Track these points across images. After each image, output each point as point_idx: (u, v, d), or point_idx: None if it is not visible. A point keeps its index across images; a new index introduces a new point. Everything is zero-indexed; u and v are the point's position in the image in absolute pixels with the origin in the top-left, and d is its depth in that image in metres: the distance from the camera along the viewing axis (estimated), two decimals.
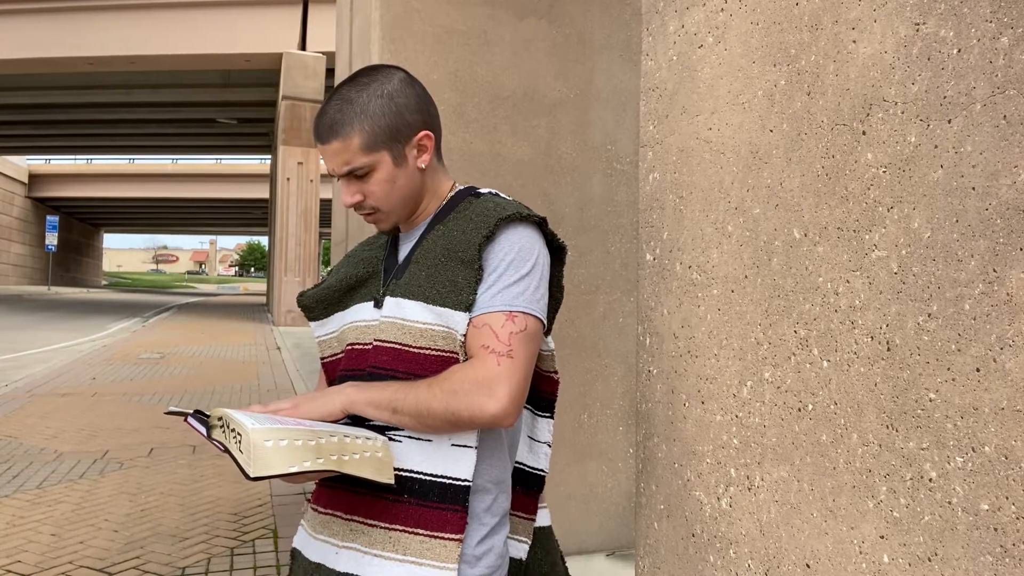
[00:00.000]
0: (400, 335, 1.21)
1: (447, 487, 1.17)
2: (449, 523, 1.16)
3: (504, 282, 1.18)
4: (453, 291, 1.18)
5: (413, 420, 1.15)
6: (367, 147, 1.22)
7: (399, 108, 1.24)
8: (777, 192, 1.05)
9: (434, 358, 1.18)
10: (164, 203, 49.02)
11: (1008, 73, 0.76)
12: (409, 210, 1.30)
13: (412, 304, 1.21)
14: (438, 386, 1.14)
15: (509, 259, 1.19)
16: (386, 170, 1.24)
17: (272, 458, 1.00)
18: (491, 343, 1.14)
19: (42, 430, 6.22)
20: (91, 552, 3.61)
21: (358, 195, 1.26)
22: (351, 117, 1.22)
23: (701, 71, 1.21)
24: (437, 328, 1.18)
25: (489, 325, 1.16)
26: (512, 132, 3.33)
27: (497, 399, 1.12)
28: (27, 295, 32.04)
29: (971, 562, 0.78)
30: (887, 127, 0.89)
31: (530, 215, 1.24)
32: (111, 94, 26.30)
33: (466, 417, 1.13)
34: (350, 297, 1.34)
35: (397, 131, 1.24)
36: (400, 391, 1.15)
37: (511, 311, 1.16)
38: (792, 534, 1.01)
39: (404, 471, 1.18)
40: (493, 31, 3.32)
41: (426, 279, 1.21)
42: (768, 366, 1.06)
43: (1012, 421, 0.74)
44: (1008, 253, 0.75)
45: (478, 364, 1.14)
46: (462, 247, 1.20)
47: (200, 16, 20.59)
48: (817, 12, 0.99)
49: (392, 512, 1.18)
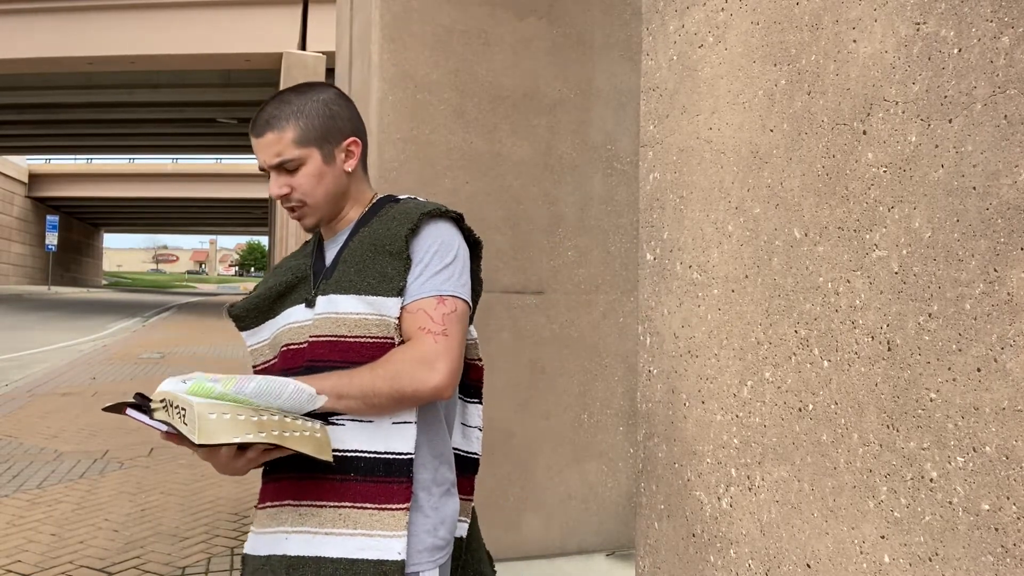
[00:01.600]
0: (335, 328, 1.28)
1: (391, 462, 1.24)
2: (396, 495, 1.23)
3: (431, 270, 1.28)
4: (384, 280, 1.26)
5: (359, 402, 1.22)
6: (299, 141, 1.31)
7: (332, 113, 1.35)
8: (777, 192, 1.05)
9: (370, 345, 1.25)
10: (164, 203, 49.02)
11: (1009, 72, 0.75)
12: (333, 208, 1.38)
13: (345, 298, 1.28)
14: (380, 368, 1.22)
15: (434, 250, 1.29)
16: (315, 165, 1.33)
17: (217, 428, 1.07)
18: (427, 324, 1.24)
19: (42, 430, 6.22)
20: (91, 552, 3.61)
21: (286, 187, 1.33)
22: (288, 114, 1.32)
23: (701, 71, 1.21)
24: (371, 317, 1.26)
25: (423, 309, 1.25)
26: (512, 132, 3.33)
27: (438, 372, 1.21)
28: (27, 295, 32.03)
29: (972, 562, 0.78)
30: (887, 127, 0.89)
31: (449, 211, 1.34)
32: (111, 94, 26.28)
33: (410, 392, 1.21)
34: (280, 304, 1.40)
35: (328, 132, 1.34)
36: (343, 378, 1.22)
37: (441, 295, 1.26)
38: (792, 534, 1.01)
39: (350, 451, 1.24)
40: (493, 31, 3.32)
41: (356, 274, 1.29)
42: (768, 366, 1.06)
43: (1013, 421, 0.74)
44: (1009, 253, 0.75)
45: (417, 344, 1.23)
46: (388, 241, 1.29)
47: (200, 16, 20.58)
48: (817, 12, 0.99)
49: (340, 491, 1.24)
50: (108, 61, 21.47)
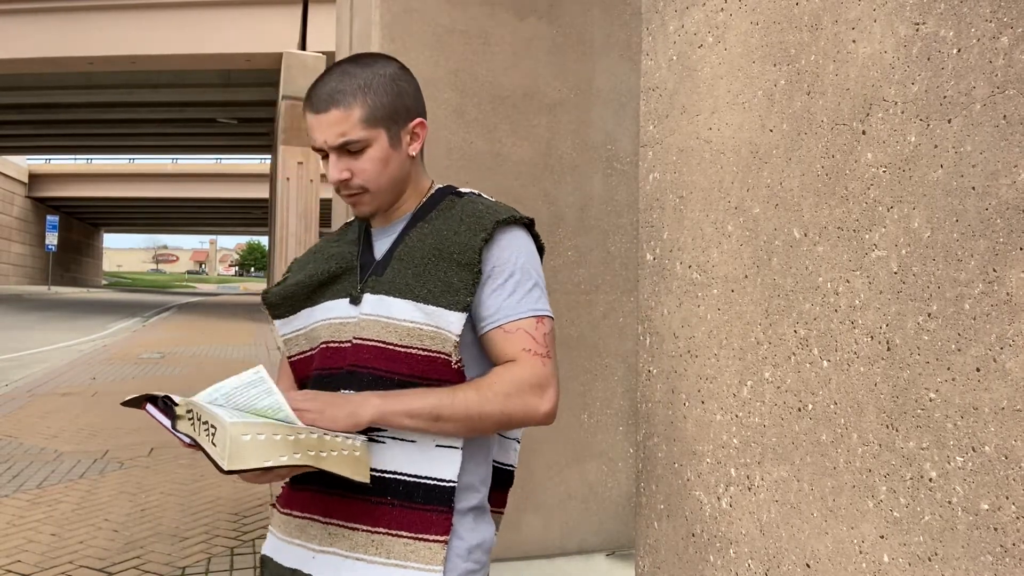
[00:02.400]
0: (383, 333, 1.18)
1: (432, 488, 1.15)
2: (434, 524, 1.14)
3: (524, 287, 1.19)
4: (448, 291, 1.16)
5: (459, 426, 1.13)
6: (367, 121, 1.18)
7: (400, 91, 1.22)
8: (777, 192, 1.05)
9: (420, 357, 1.16)
10: (164, 203, 49.02)
11: (1008, 73, 0.76)
12: (393, 196, 1.26)
13: (399, 302, 1.17)
14: (488, 389, 1.13)
15: (520, 263, 1.20)
16: (381, 149, 1.20)
17: (248, 451, 0.98)
18: (531, 346, 1.16)
19: (42, 430, 6.22)
20: (91, 552, 3.61)
21: (346, 172, 1.21)
22: (354, 88, 1.18)
23: (701, 71, 1.21)
24: (426, 327, 1.15)
25: (523, 329, 1.17)
26: (512, 132, 3.33)
27: (548, 399, 1.15)
28: (27, 295, 32.04)
29: (971, 562, 0.78)
30: (887, 127, 0.89)
31: (522, 217, 1.24)
32: (111, 94, 26.28)
33: (519, 418, 1.14)
34: (320, 294, 1.29)
35: (396, 112, 1.21)
36: (444, 397, 1.12)
37: (539, 315, 1.18)
38: (792, 534, 1.01)
39: (388, 472, 1.16)
40: (493, 31, 3.32)
41: (414, 277, 1.18)
42: (768, 366, 1.06)
43: (1012, 421, 0.74)
44: (1008, 253, 0.75)
45: (527, 365, 1.15)
46: (457, 248, 1.18)
47: (200, 16, 20.58)
48: (817, 12, 0.99)
49: (375, 514, 1.15)
50: (108, 61, 21.47)
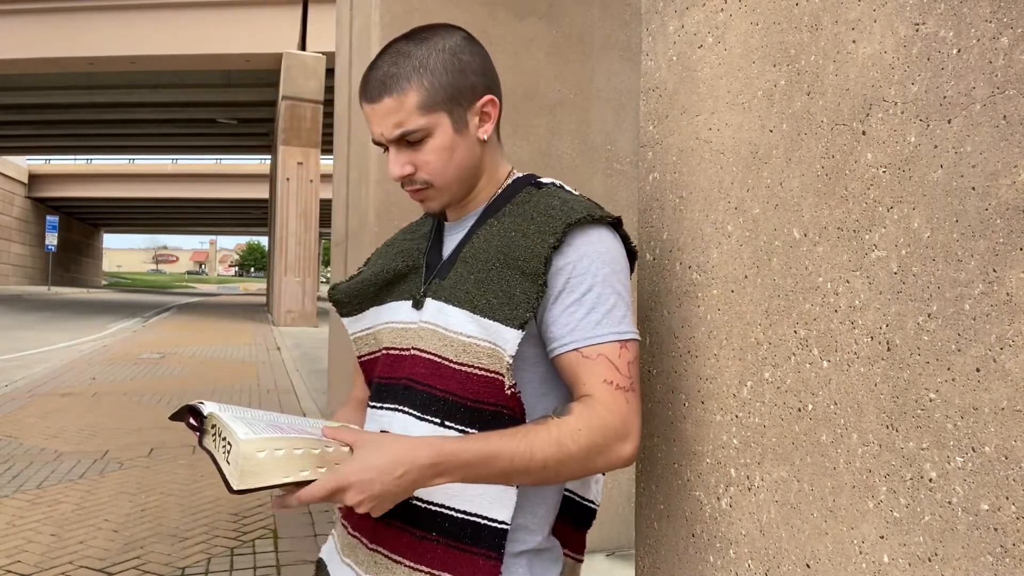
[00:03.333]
0: (440, 346, 1.06)
1: (481, 528, 1.03)
2: (481, 570, 1.02)
3: (604, 304, 1.03)
4: (507, 304, 1.01)
5: (532, 479, 0.99)
6: (425, 106, 1.04)
7: (463, 66, 1.07)
8: (777, 192, 1.05)
9: (477, 378, 1.03)
10: (164, 203, 49.03)
11: (1008, 73, 0.76)
12: (465, 189, 1.13)
13: (456, 312, 1.04)
14: (571, 441, 0.97)
15: (602, 274, 1.04)
16: (444, 136, 1.06)
17: (264, 469, 0.89)
18: (614, 378, 1.01)
19: (42, 430, 6.22)
20: (91, 552, 3.61)
21: (408, 166, 1.07)
22: (408, 71, 1.04)
23: (701, 71, 1.21)
24: (483, 343, 1.02)
25: (605, 356, 1.01)
26: (512, 132, 3.33)
27: (632, 442, 1.01)
28: (27, 295, 32.03)
29: (971, 562, 0.78)
30: (887, 127, 0.89)
31: (605, 215, 1.08)
32: (111, 94, 26.31)
33: (601, 468, 1.01)
34: (387, 292, 1.18)
35: (459, 91, 1.07)
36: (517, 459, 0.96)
37: (623, 340, 1.03)
38: (792, 534, 1.01)
39: (434, 505, 1.05)
40: (493, 31, 3.32)
41: (475, 285, 1.04)
42: (768, 366, 1.06)
43: (1012, 421, 0.74)
44: (1008, 253, 0.75)
45: (611, 405, 1.00)
46: (523, 255, 1.03)
47: (200, 16, 20.59)
48: (817, 12, 0.99)
49: (419, 550, 1.05)
50: (108, 61, 21.49)
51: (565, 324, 1.03)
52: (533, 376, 1.08)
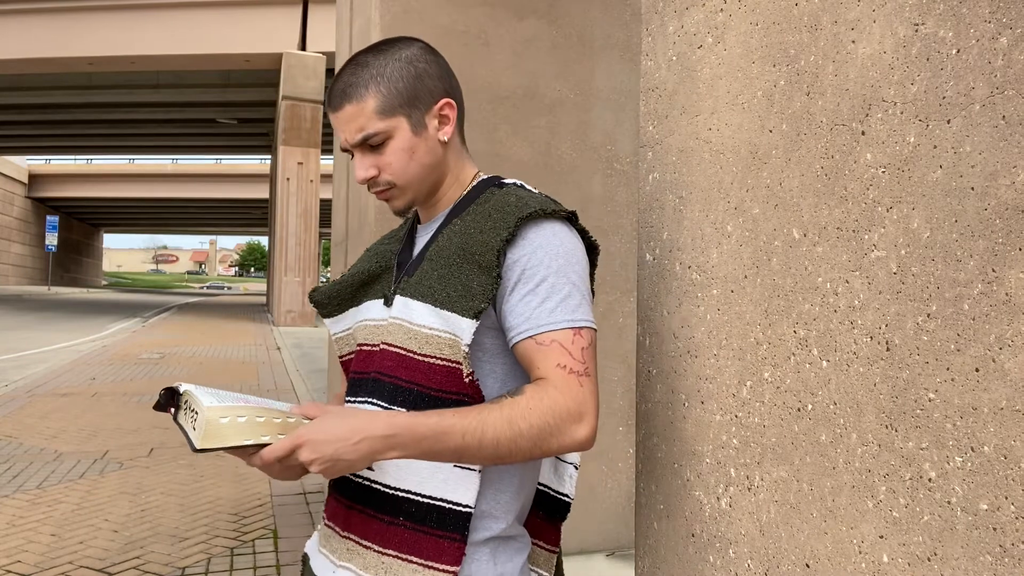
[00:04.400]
0: (406, 340, 1.12)
1: (446, 512, 1.08)
2: (445, 553, 1.07)
3: (559, 293, 1.07)
4: (465, 296, 1.07)
5: (487, 462, 1.04)
6: (383, 111, 1.11)
7: (418, 72, 1.14)
8: (776, 192, 1.05)
9: (439, 368, 1.08)
10: (164, 203, 49.07)
11: (1007, 73, 0.76)
12: (428, 188, 1.18)
13: (420, 306, 1.11)
14: (521, 420, 1.01)
15: (556, 265, 1.08)
16: (404, 138, 1.13)
17: (226, 432, 0.95)
18: (567, 362, 1.04)
19: (42, 430, 6.22)
20: (91, 552, 3.61)
21: (372, 168, 1.14)
22: (366, 79, 1.12)
23: (701, 71, 1.21)
24: (444, 335, 1.08)
25: (558, 342, 1.05)
26: (512, 132, 3.33)
27: (587, 424, 1.04)
28: (27, 295, 32.03)
29: (970, 562, 0.78)
30: (886, 127, 0.89)
31: (558, 210, 1.12)
32: (111, 94, 26.32)
33: (555, 450, 1.04)
34: (363, 293, 1.24)
35: (416, 96, 1.13)
36: (469, 435, 1.00)
37: (576, 326, 1.06)
38: (792, 534, 1.01)
39: (401, 491, 1.10)
40: (493, 31, 3.32)
41: (437, 280, 1.11)
42: (768, 366, 1.06)
43: (1011, 421, 0.74)
44: (1007, 253, 0.75)
45: (563, 388, 1.03)
46: (479, 249, 1.09)
47: (200, 16, 20.60)
48: (816, 12, 0.99)
49: (386, 535, 1.10)
50: (108, 61, 21.50)
51: (520, 313, 1.07)
52: (497, 367, 1.13)
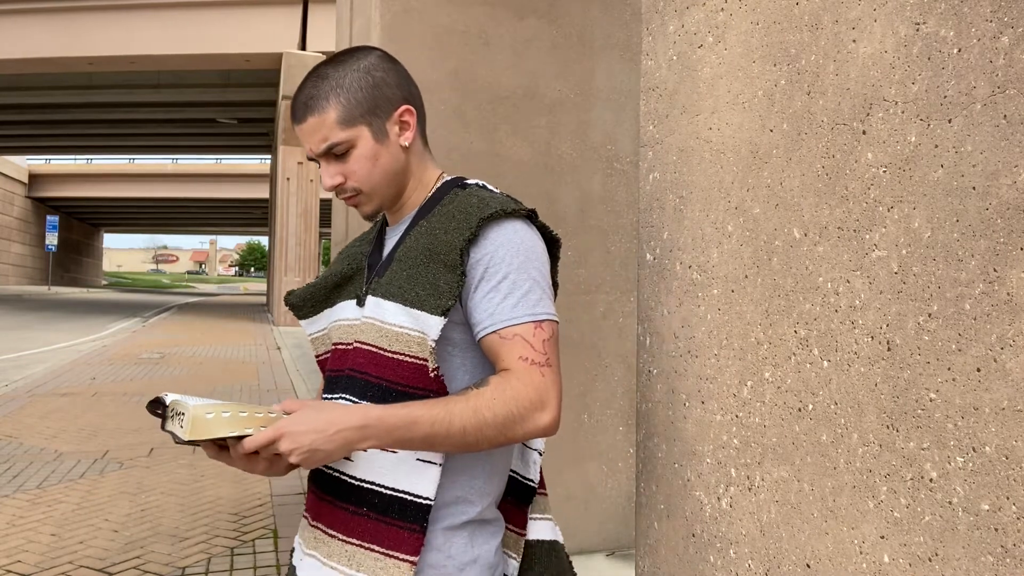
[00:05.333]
0: (377, 338, 1.16)
1: (407, 504, 1.12)
2: (405, 543, 1.11)
3: (520, 289, 1.12)
4: (433, 294, 1.12)
5: (457, 449, 1.10)
6: (344, 121, 1.16)
7: (376, 81, 1.18)
8: (777, 192, 1.05)
9: (407, 364, 1.13)
10: (164, 203, 49.04)
11: (1008, 72, 0.75)
12: (393, 192, 1.23)
13: (391, 305, 1.15)
14: (486, 410, 1.07)
15: (516, 262, 1.13)
16: (367, 146, 1.17)
17: (210, 426, 1.03)
18: (529, 354, 1.10)
19: (42, 430, 6.22)
20: (91, 552, 3.61)
21: (339, 176, 1.19)
22: (326, 91, 1.16)
23: (701, 71, 1.21)
24: (412, 332, 1.13)
25: (520, 336, 1.10)
26: (512, 132, 3.33)
27: (550, 411, 1.09)
28: (27, 295, 32.04)
29: (972, 562, 0.78)
30: (887, 127, 0.89)
31: (518, 209, 1.17)
32: (111, 94, 26.30)
33: (519, 437, 1.10)
34: (336, 294, 1.29)
35: (375, 104, 1.18)
36: (437, 424, 1.06)
37: (538, 320, 1.12)
38: (792, 534, 1.01)
39: (365, 483, 1.15)
40: (493, 31, 3.32)
41: (406, 280, 1.15)
42: (768, 366, 1.05)
43: (1013, 421, 0.74)
44: (1008, 253, 0.75)
45: (525, 379, 1.09)
46: (444, 249, 1.14)
47: (200, 16, 20.59)
48: (817, 12, 0.99)
49: (350, 524, 1.15)
50: (108, 61, 21.49)
51: (485, 310, 1.13)
52: (467, 360, 1.18)
